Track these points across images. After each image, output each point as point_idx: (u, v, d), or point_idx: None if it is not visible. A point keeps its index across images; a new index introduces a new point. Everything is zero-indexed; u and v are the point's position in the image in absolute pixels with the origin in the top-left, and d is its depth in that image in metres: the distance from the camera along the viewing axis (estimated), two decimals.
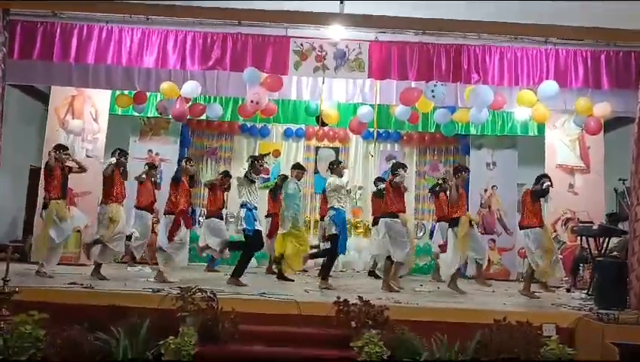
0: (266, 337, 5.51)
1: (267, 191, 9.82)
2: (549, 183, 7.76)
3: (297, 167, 8.84)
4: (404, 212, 7.76)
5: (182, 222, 7.50)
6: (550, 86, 7.45)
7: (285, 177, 8.97)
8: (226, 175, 9.53)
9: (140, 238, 8.59)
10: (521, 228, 7.95)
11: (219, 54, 7.34)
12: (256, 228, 7.61)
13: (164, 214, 7.69)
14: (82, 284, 6.43)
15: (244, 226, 7.53)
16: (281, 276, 8.38)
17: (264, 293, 6.36)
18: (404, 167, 8.00)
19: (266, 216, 9.38)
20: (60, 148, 7.75)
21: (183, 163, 7.95)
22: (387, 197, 7.79)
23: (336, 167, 8.00)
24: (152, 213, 8.87)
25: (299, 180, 8.64)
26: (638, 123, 6.61)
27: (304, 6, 6.16)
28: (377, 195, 9.23)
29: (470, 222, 7.84)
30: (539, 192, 7.74)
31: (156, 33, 7.41)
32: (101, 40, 7.34)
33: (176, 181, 7.66)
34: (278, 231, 8.64)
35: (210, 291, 5.52)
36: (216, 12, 6.18)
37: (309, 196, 11.39)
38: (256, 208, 7.73)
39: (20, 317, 4.96)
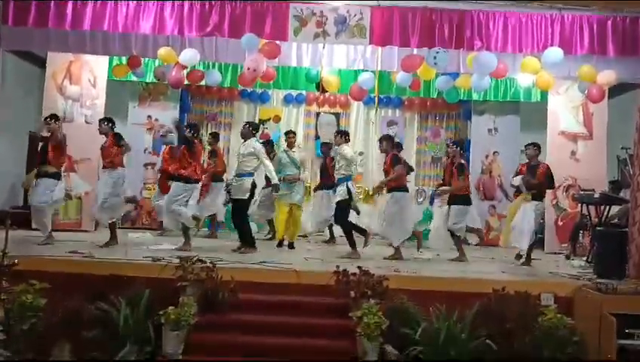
0: (266, 306, 5.57)
1: None
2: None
3: (287, 133, 8.83)
4: None
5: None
6: (555, 53, 7.32)
7: (269, 143, 8.83)
8: (214, 136, 9.54)
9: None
10: None
11: (217, 20, 7.22)
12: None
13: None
14: (83, 253, 6.44)
15: None
16: (280, 244, 8.44)
17: (264, 262, 6.39)
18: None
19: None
20: (45, 118, 7.76)
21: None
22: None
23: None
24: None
25: (290, 148, 8.55)
26: None
27: None
28: None
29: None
30: None
31: None
32: (97, 5, 7.21)
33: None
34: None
35: (210, 261, 5.54)
36: None
37: (309, 162, 11.26)
38: (240, 175, 7.58)
39: (21, 287, 5.00)
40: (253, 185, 7.79)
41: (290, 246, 8.31)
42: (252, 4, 7.29)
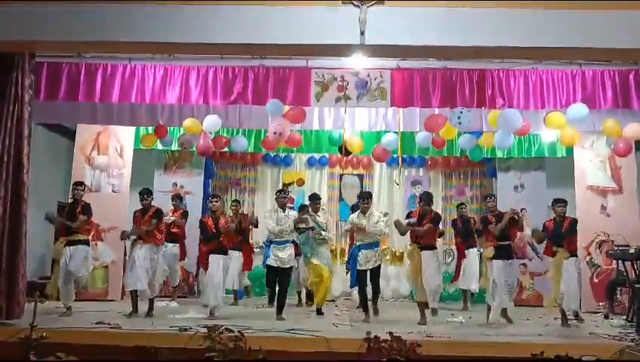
0: None
1: None
2: None
3: (311, 198, 8.79)
4: None
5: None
6: (579, 109, 7.23)
7: (305, 208, 8.81)
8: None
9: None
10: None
11: (240, 88, 7.33)
12: (267, 263, 7.90)
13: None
14: (109, 324, 6.39)
15: None
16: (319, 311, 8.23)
17: (292, 330, 6.24)
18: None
19: None
20: (73, 184, 7.98)
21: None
22: None
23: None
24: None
25: (316, 212, 8.51)
26: None
27: (325, 38, 6.14)
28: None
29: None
30: None
31: (179, 69, 7.43)
32: (125, 78, 7.37)
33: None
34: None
35: (238, 330, 5.43)
36: (237, 48, 6.19)
37: (334, 224, 11.20)
38: (278, 243, 7.76)
39: (49, 360, 4.92)
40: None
41: (319, 311, 8.13)
42: (274, 70, 7.43)
